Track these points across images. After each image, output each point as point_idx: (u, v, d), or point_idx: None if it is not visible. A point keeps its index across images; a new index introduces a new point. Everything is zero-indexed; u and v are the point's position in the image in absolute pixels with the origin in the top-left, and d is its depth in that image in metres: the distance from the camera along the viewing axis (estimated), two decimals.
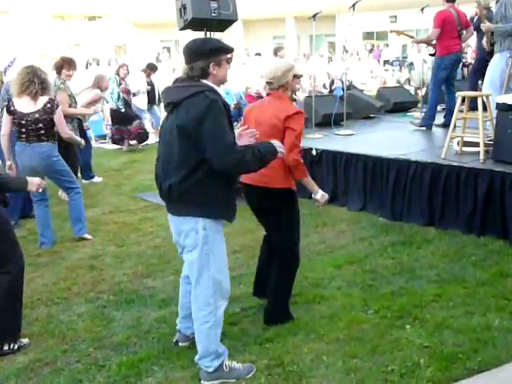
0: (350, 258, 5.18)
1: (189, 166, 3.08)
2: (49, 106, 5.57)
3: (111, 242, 5.98)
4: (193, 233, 3.19)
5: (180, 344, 3.78)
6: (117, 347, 3.80)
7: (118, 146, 11.56)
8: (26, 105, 5.53)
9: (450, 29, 8.04)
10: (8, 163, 5.78)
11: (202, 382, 3.36)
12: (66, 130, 5.85)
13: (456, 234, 5.67)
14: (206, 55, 3.13)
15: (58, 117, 5.64)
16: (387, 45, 30.84)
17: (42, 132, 5.60)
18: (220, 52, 3.18)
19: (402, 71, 22.35)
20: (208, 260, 3.21)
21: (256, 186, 3.90)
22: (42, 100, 5.56)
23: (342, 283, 4.66)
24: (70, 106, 7.32)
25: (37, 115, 5.54)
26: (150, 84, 12.36)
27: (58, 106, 5.65)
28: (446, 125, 8.37)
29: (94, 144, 10.96)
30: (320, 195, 4.01)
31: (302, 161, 3.84)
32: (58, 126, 5.68)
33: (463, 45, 8.78)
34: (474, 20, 9.24)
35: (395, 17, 31.98)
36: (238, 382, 3.35)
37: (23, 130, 5.59)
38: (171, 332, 3.89)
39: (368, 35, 35.61)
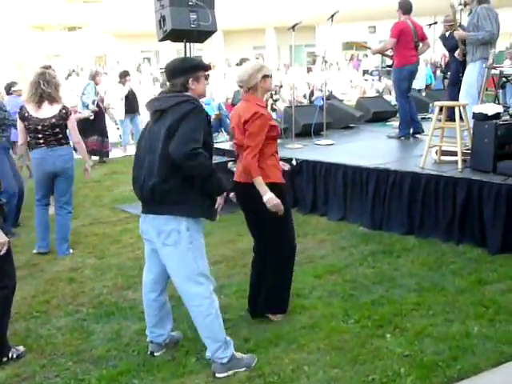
0: (330, 268, 5.19)
1: (170, 166, 3.25)
2: (64, 111, 5.64)
3: (91, 254, 5.94)
4: (175, 233, 3.34)
5: (156, 354, 3.79)
6: (96, 361, 3.77)
7: (98, 157, 11.47)
8: (42, 110, 5.54)
9: (406, 40, 8.15)
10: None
11: (216, 375, 3.47)
12: (78, 136, 5.87)
13: (435, 243, 5.71)
14: (185, 72, 3.42)
15: (72, 123, 5.69)
16: (366, 55, 31.09)
17: (61, 136, 5.67)
18: (197, 69, 3.47)
19: (381, 81, 22.55)
20: (195, 259, 3.39)
21: (238, 183, 4.03)
22: (58, 106, 5.61)
23: (322, 293, 4.68)
24: None
25: (53, 120, 5.58)
26: (131, 92, 12.28)
27: (71, 113, 5.71)
28: (415, 132, 8.57)
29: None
30: (267, 198, 3.83)
31: (253, 161, 3.82)
32: (72, 132, 5.74)
33: (433, 53, 8.94)
34: (447, 36, 9.38)
35: (374, 27, 32.35)
36: None
37: (40, 135, 5.59)
38: None
39: (347, 45, 35.90)
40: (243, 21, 34.90)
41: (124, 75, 12.38)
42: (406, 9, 8.30)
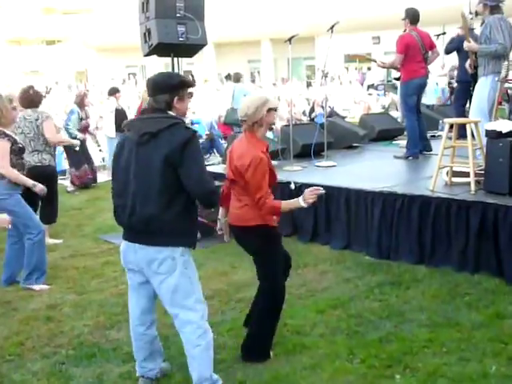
0: (333, 302, 5.18)
1: (169, 197, 3.36)
2: None
3: (71, 290, 5.91)
4: (169, 260, 3.43)
5: None
6: None
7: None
8: None
9: (413, 53, 8.29)
10: None
11: None
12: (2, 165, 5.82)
13: (448, 273, 5.71)
14: (170, 89, 3.48)
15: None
16: (370, 68, 31.30)
17: None
18: (184, 86, 3.54)
19: (387, 95, 22.69)
20: (192, 284, 3.51)
21: (233, 226, 4.17)
22: None
23: (325, 330, 4.65)
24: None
25: None
26: (120, 110, 12.35)
27: None
28: (422, 151, 8.66)
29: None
30: (302, 200, 3.96)
31: (268, 202, 3.91)
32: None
33: (442, 69, 9.07)
34: (455, 39, 9.54)
35: (378, 38, 32.70)
36: None
37: None
38: None
39: (351, 59, 36.21)
40: (236, 32, 35.26)
41: (114, 92, 12.49)
42: (413, 18, 8.42)
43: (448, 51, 10.43)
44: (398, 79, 8.99)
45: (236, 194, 4.10)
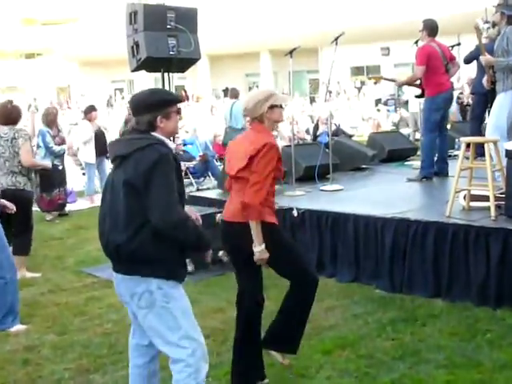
0: (341, 341, 5.15)
1: (135, 224, 3.39)
2: None
3: (50, 330, 5.88)
4: (146, 294, 3.45)
5: None
6: None
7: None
8: None
9: (436, 65, 8.37)
10: None
11: None
12: None
13: (467, 307, 5.68)
14: (153, 108, 3.49)
15: None
16: (376, 81, 31.41)
17: None
18: (168, 104, 3.55)
19: (398, 111, 22.84)
20: (175, 320, 3.46)
21: (231, 223, 4.22)
22: None
23: (332, 372, 4.63)
24: None
25: None
26: (99, 131, 12.36)
27: None
28: (438, 173, 8.64)
29: None
30: (259, 250, 4.07)
31: (256, 199, 4.02)
32: None
33: (458, 82, 9.13)
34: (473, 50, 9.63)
35: (387, 49, 32.88)
36: None
37: None
38: None
39: (357, 70, 36.48)
40: (233, 44, 35.52)
41: (89, 110, 12.45)
42: (431, 30, 8.53)
43: (468, 60, 10.48)
44: (419, 97, 9.00)
45: (237, 188, 4.20)
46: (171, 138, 3.70)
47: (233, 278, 4.29)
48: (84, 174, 13.71)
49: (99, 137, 12.32)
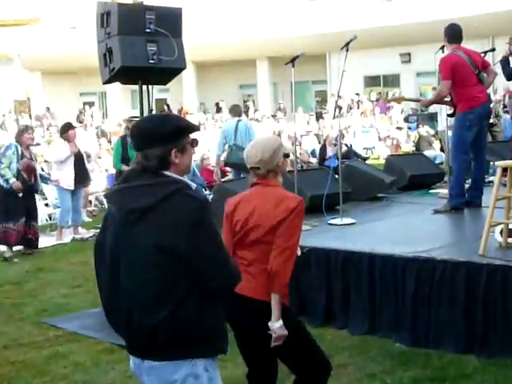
0: None
1: (177, 296, 3.20)
2: None
3: None
4: (190, 379, 3.25)
5: None
6: None
7: (19, 248, 11.44)
8: None
9: (464, 76, 8.38)
10: None
11: None
12: None
13: (507, 365, 5.67)
14: (166, 139, 3.26)
15: None
16: (399, 92, 31.53)
17: None
18: (184, 134, 3.33)
19: (421, 129, 22.89)
20: None
21: (250, 300, 4.19)
22: None
23: None
24: None
25: None
26: (77, 153, 12.34)
27: None
28: (469, 202, 8.63)
29: None
30: (279, 325, 4.12)
31: (288, 267, 4.15)
32: None
33: (493, 95, 9.15)
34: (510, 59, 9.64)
35: (408, 55, 33.10)
36: None
37: None
38: None
39: (372, 81, 36.66)
40: (224, 50, 35.58)
41: (66, 129, 12.42)
42: (452, 35, 8.58)
43: (510, 75, 10.34)
44: (451, 116, 9.03)
45: (254, 257, 4.23)
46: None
47: None
48: (47, 204, 13.72)
49: (77, 161, 12.30)
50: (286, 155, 4.27)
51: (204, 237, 3.19)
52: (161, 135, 3.25)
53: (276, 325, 4.10)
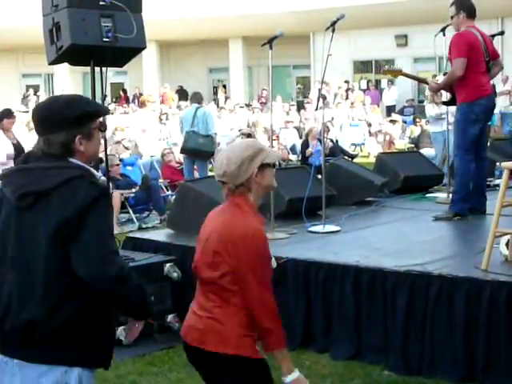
0: None
1: (63, 290, 3.27)
2: None
3: None
4: None
5: None
6: None
7: None
8: None
9: (476, 60, 8.38)
10: None
11: None
12: None
13: None
14: (69, 124, 3.37)
15: None
16: (391, 81, 31.45)
17: None
18: (90, 118, 3.45)
19: (417, 124, 22.95)
20: None
21: (196, 349, 3.90)
22: None
23: None
24: None
25: None
26: (16, 144, 12.26)
27: None
28: (473, 209, 8.69)
29: None
30: (296, 376, 3.89)
31: (279, 323, 4.02)
32: None
33: (503, 85, 9.17)
34: None
35: (405, 37, 33.21)
36: None
37: None
38: None
39: (362, 66, 36.77)
40: (191, 28, 35.50)
41: (4, 115, 12.34)
42: (469, 9, 8.54)
43: None
44: (448, 103, 9.01)
45: (206, 292, 3.94)
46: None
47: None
48: None
49: (18, 151, 12.19)
50: (267, 165, 3.90)
51: (92, 224, 3.24)
52: (64, 119, 3.36)
53: (291, 377, 3.86)
